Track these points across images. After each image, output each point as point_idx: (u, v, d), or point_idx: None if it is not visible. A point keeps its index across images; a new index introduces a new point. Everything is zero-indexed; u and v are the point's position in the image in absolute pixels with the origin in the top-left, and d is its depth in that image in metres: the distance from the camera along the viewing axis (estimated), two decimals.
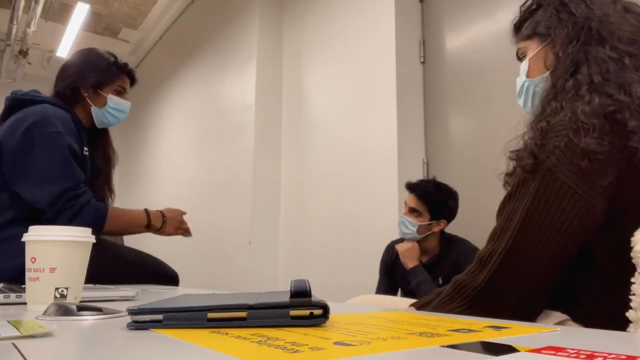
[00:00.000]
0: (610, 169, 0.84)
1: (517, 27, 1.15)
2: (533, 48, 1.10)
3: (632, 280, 0.77)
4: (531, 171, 0.91)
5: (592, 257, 0.88)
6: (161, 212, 2.00)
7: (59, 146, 1.72)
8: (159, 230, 1.97)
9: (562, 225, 0.87)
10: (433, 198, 2.29)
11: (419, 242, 2.34)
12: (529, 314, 0.91)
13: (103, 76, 1.92)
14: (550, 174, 0.87)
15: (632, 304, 0.77)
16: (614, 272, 0.81)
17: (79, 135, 1.84)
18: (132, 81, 2.04)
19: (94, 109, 1.92)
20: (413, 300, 1.38)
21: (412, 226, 2.29)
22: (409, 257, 2.29)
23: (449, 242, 2.33)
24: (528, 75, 1.12)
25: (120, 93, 1.97)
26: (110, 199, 2.02)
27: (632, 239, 0.79)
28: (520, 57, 1.15)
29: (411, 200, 2.32)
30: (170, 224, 1.98)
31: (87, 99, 1.91)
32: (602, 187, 0.84)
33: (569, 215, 0.86)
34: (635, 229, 0.80)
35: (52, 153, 1.70)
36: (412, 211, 2.31)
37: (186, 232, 2.04)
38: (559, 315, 0.91)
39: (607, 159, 0.83)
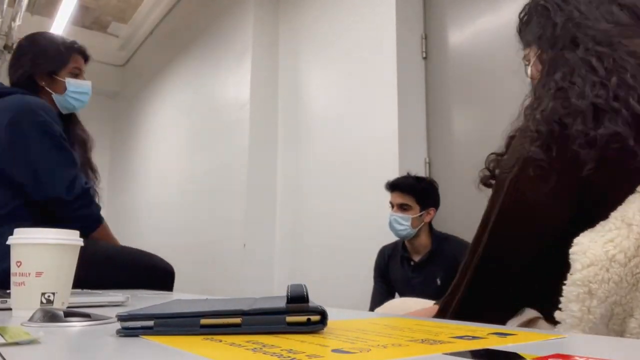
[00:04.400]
0: (553, 174, 0.88)
1: (519, 35, 1.21)
2: (532, 56, 1.15)
3: (564, 281, 0.81)
4: (488, 185, 1.01)
5: (560, 258, 0.91)
6: None
7: (53, 135, 1.75)
8: None
9: (526, 236, 0.94)
10: (417, 188, 2.42)
11: (411, 240, 2.39)
12: (508, 318, 0.97)
13: (55, 61, 1.91)
14: (513, 185, 0.93)
15: (560, 305, 0.81)
16: None
17: (59, 121, 1.85)
18: (86, 59, 2.02)
19: (55, 97, 1.91)
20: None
21: (404, 221, 2.37)
22: None
23: (440, 239, 2.41)
24: (531, 84, 1.18)
25: (77, 75, 1.95)
26: (95, 180, 2.03)
27: (575, 239, 0.83)
28: (526, 63, 1.21)
29: (397, 197, 2.42)
30: None
31: (46, 87, 1.90)
32: (551, 194, 0.89)
33: (530, 225, 0.93)
34: None
35: (47, 142, 1.73)
36: (401, 207, 2.40)
37: None
38: (531, 313, 0.95)
39: (550, 165, 0.88)
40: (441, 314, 1.01)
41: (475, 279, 0.96)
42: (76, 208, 1.73)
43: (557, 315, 0.81)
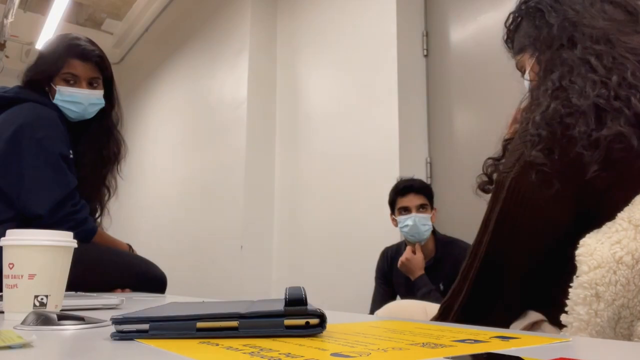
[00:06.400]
0: (555, 179, 0.87)
1: (508, 43, 1.22)
2: (528, 62, 1.14)
3: (570, 284, 0.81)
4: (486, 191, 1.00)
5: (567, 259, 0.90)
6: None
7: (50, 152, 1.73)
8: None
9: (527, 238, 0.93)
10: (428, 187, 2.46)
11: (420, 246, 2.39)
12: (511, 322, 0.96)
13: (49, 66, 1.83)
14: (515, 183, 0.92)
15: (566, 308, 0.80)
16: None
17: (67, 134, 1.84)
18: (99, 65, 1.88)
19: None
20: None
21: (427, 221, 2.38)
22: (415, 266, 2.32)
23: (445, 243, 2.40)
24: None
25: (72, 81, 1.83)
26: (108, 195, 2.03)
27: (581, 240, 0.82)
28: (520, 70, 1.20)
29: (414, 198, 2.40)
30: None
31: (50, 94, 1.85)
32: (553, 197, 0.88)
33: (532, 227, 0.92)
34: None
35: (43, 160, 1.72)
36: (421, 207, 2.39)
37: None
38: (535, 315, 0.94)
39: (553, 169, 0.87)
40: (442, 318, 1.00)
41: (477, 282, 0.96)
42: (56, 229, 1.69)
43: (564, 318, 0.81)
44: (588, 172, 0.84)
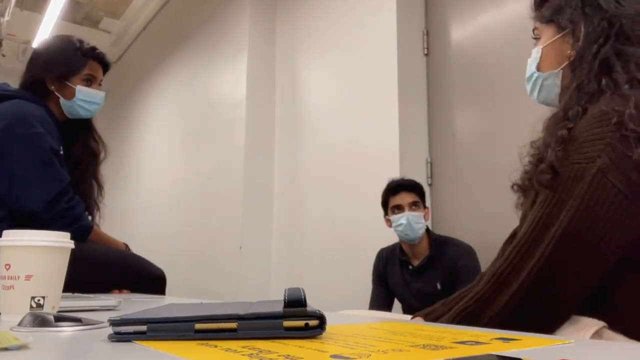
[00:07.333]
0: None
1: (538, 3, 1.15)
2: (549, 35, 1.09)
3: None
4: (548, 186, 0.89)
5: (632, 260, 0.86)
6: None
7: (41, 148, 1.73)
8: None
9: (610, 236, 0.83)
10: (419, 185, 2.46)
11: (414, 245, 2.39)
12: (556, 328, 0.88)
13: (67, 66, 1.90)
14: (601, 175, 0.83)
15: None
16: None
17: (56, 131, 1.84)
18: (105, 67, 2.01)
19: (62, 102, 1.90)
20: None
21: (420, 219, 2.38)
22: None
23: (439, 243, 2.40)
24: (539, 67, 1.12)
25: (90, 82, 1.94)
26: (100, 195, 2.03)
27: None
28: (535, 37, 1.15)
29: (406, 196, 2.42)
30: None
31: (55, 92, 1.89)
32: None
33: (617, 223, 0.83)
34: None
35: (34, 156, 1.71)
36: (413, 205, 2.40)
37: None
38: (594, 323, 0.86)
39: None
40: (463, 323, 0.92)
41: (533, 285, 0.86)
42: (53, 226, 1.67)
43: None
44: None
